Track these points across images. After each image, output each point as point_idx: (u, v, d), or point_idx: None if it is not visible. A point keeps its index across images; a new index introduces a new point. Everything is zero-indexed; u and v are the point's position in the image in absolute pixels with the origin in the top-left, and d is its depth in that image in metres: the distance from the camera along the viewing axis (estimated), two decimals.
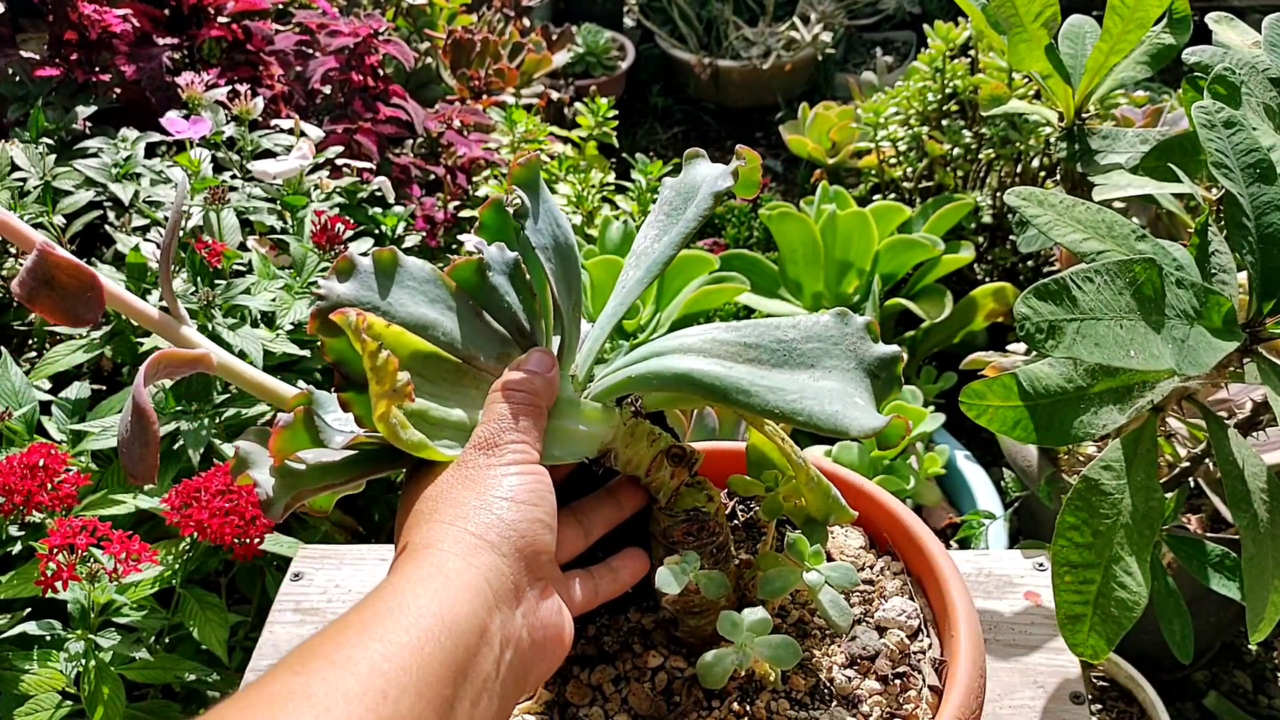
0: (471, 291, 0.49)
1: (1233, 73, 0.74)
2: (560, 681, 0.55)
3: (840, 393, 0.45)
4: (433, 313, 0.47)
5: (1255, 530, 0.62)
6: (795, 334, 0.47)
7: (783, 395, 0.44)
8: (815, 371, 0.46)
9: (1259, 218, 0.64)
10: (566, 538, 0.49)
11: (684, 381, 0.46)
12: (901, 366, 0.47)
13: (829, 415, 0.43)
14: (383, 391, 0.43)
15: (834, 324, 0.48)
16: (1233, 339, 0.59)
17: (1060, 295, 0.57)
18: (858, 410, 0.44)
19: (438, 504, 0.43)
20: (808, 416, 0.43)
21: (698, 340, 0.48)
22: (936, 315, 1.40)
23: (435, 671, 0.36)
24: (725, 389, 0.45)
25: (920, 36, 2.41)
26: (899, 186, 1.64)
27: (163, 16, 1.39)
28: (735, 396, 0.44)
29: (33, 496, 0.83)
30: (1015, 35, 0.88)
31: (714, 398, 0.45)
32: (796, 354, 0.47)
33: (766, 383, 0.45)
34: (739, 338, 0.47)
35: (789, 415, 0.43)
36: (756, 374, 0.45)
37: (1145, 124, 1.12)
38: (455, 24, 1.76)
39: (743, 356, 0.47)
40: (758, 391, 0.44)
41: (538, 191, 0.51)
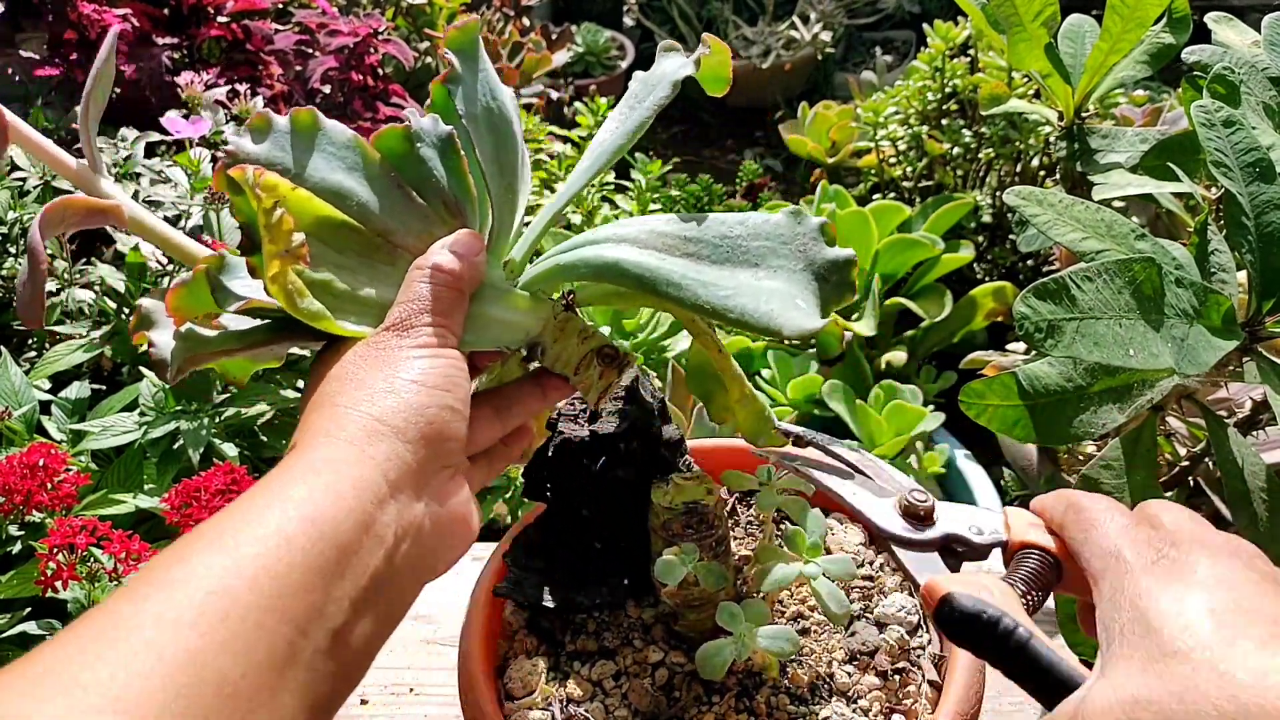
0: (397, 163, 0.45)
1: (1232, 72, 0.74)
2: (561, 677, 0.55)
3: (781, 293, 0.42)
4: (349, 181, 0.44)
5: (1255, 529, 0.62)
6: (742, 230, 0.45)
7: (715, 291, 0.41)
8: (759, 270, 0.43)
9: (1258, 217, 0.64)
10: (482, 425, 0.47)
11: (612, 271, 0.43)
12: (855, 271, 0.44)
13: (763, 314, 0.41)
14: (275, 251, 0.40)
15: (786, 223, 0.45)
16: (1232, 338, 0.60)
17: (1059, 294, 0.57)
18: (795, 311, 0.41)
19: (342, 385, 0.41)
20: (740, 314, 0.40)
21: (635, 230, 0.45)
22: (936, 314, 1.40)
23: (296, 580, 0.34)
24: (655, 280, 0.42)
25: (920, 36, 2.41)
26: (899, 186, 1.64)
27: (162, 16, 1.39)
28: (664, 289, 0.42)
29: (33, 496, 0.83)
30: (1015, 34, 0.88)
31: (643, 290, 0.42)
32: (741, 251, 0.44)
33: (700, 277, 0.42)
34: (679, 230, 0.45)
35: (720, 311, 0.41)
36: (692, 268, 0.43)
37: (1145, 123, 1.12)
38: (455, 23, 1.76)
39: (681, 250, 0.44)
40: (688, 285, 0.42)
41: (475, 59, 0.48)
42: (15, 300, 0.60)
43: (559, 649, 0.56)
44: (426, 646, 0.74)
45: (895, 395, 1.25)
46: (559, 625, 0.57)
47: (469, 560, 0.83)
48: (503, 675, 0.56)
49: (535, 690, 0.54)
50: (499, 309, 0.46)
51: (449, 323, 0.43)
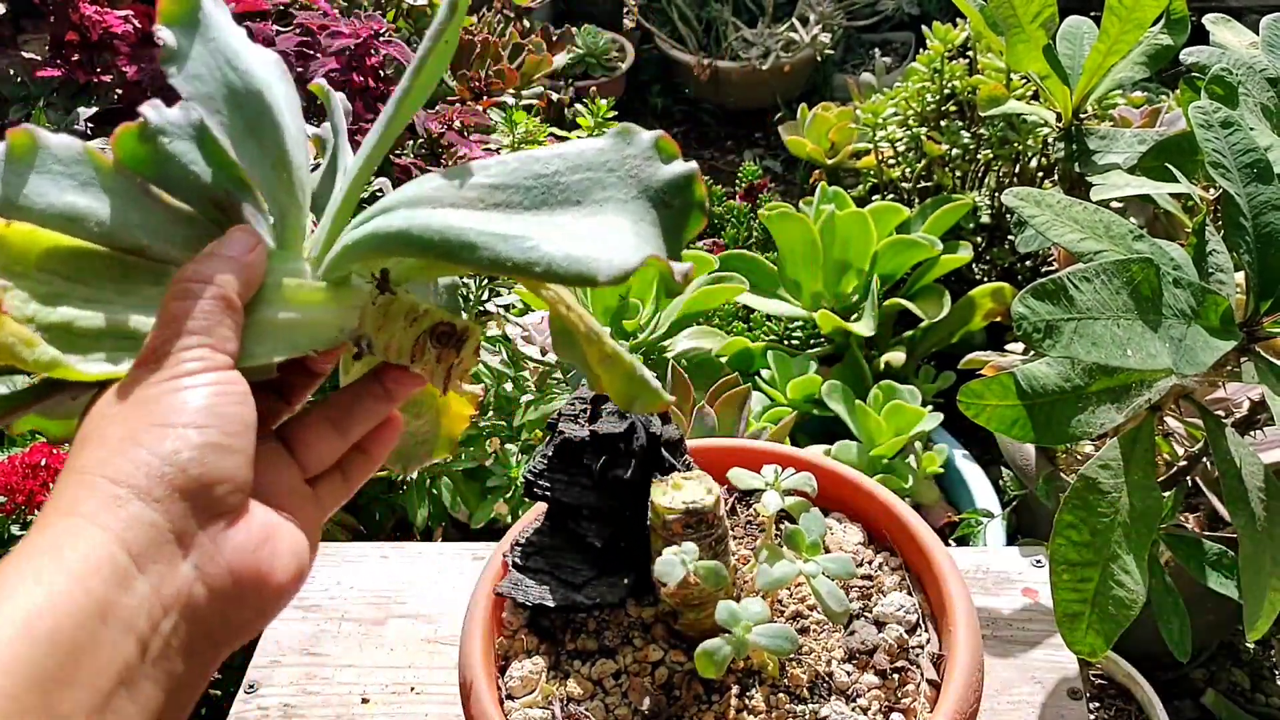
0: (141, 167, 0.40)
1: (1230, 73, 0.74)
2: (562, 676, 0.55)
3: (599, 232, 0.37)
4: (83, 199, 0.39)
5: (1252, 529, 0.62)
6: (560, 165, 0.39)
7: (517, 244, 0.36)
8: (582, 209, 0.38)
9: (1256, 217, 0.65)
10: (318, 442, 0.42)
11: (400, 240, 0.38)
12: (701, 189, 0.37)
13: (570, 261, 0.35)
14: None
15: (611, 145, 0.39)
16: (1230, 338, 0.60)
17: (1058, 295, 0.57)
18: (613, 250, 0.36)
19: (83, 445, 0.36)
20: (546, 265, 0.35)
21: (432, 189, 0.40)
22: (935, 315, 1.40)
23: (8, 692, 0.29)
24: (449, 244, 0.37)
25: (919, 37, 2.42)
26: (897, 187, 1.65)
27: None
28: (460, 253, 0.37)
29: (34, 496, 0.83)
30: (1013, 36, 0.88)
31: (440, 258, 0.37)
32: (559, 189, 0.39)
33: (502, 229, 0.37)
34: (485, 179, 0.39)
35: (524, 267, 0.36)
36: (495, 221, 0.38)
37: (1143, 124, 1.12)
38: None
39: (487, 201, 0.39)
40: (485, 242, 0.36)
41: (197, 27, 0.41)
42: None
43: (559, 648, 0.57)
44: (427, 646, 0.74)
45: (894, 395, 1.25)
46: (559, 624, 0.58)
47: (470, 560, 0.83)
48: (503, 674, 0.56)
49: (536, 689, 0.55)
50: (289, 309, 0.40)
51: (213, 341, 0.37)
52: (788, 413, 1.18)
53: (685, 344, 1.27)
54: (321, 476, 0.43)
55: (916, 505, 1.25)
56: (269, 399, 0.41)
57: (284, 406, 0.43)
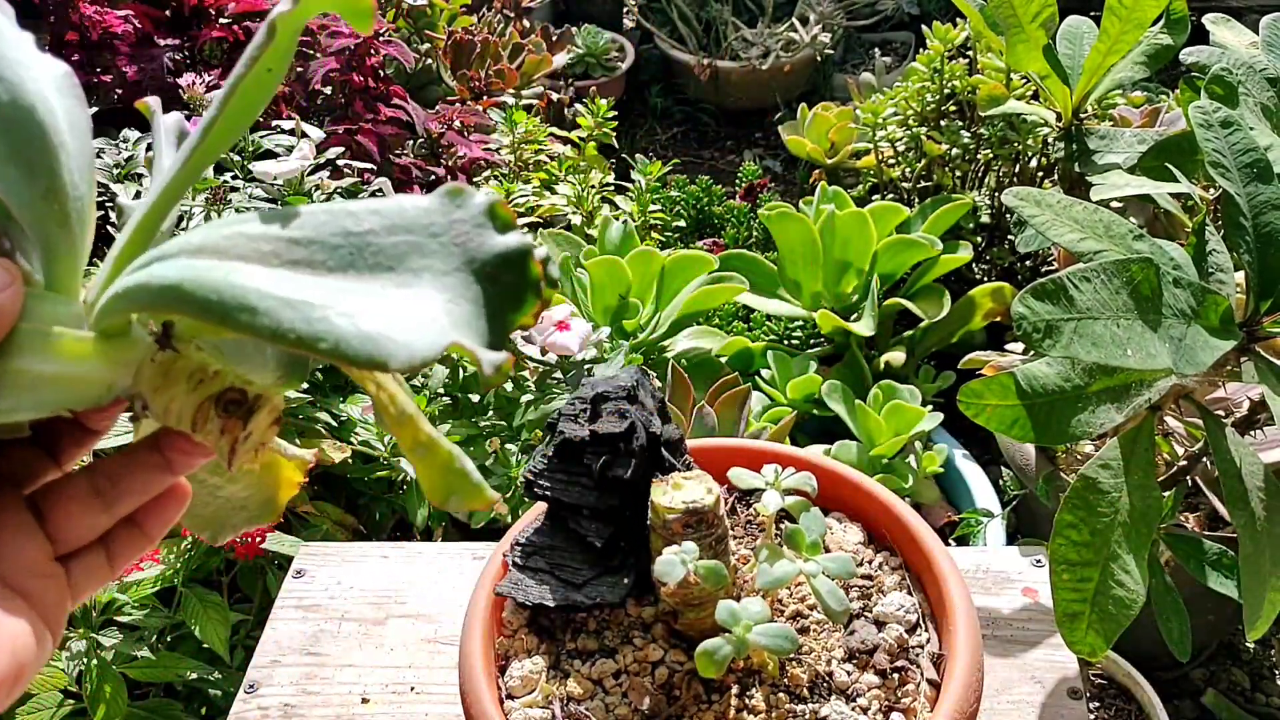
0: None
1: (1230, 73, 0.74)
2: (562, 676, 0.55)
3: (411, 307, 0.32)
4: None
5: (1252, 528, 0.62)
6: (375, 222, 0.34)
7: (304, 312, 0.31)
8: (394, 277, 0.33)
9: (1256, 217, 0.65)
10: (75, 513, 0.36)
11: (173, 296, 0.33)
12: (537, 267, 0.33)
13: (362, 340, 0.31)
14: None
15: (437, 207, 0.34)
16: (1230, 338, 0.60)
17: (1057, 295, 0.57)
18: (413, 329, 0.31)
19: None
20: (333, 343, 0.31)
21: (224, 236, 0.34)
22: (935, 315, 1.40)
23: None
24: (225, 306, 0.32)
25: (919, 37, 2.42)
26: (897, 187, 1.65)
27: (164, 17, 1.40)
28: (237, 317, 0.32)
29: None
30: (1013, 36, 0.88)
31: (215, 321, 0.32)
32: (371, 251, 0.34)
33: (288, 293, 0.32)
34: (285, 232, 0.34)
35: (308, 341, 0.31)
36: (288, 283, 0.33)
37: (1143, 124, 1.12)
38: (455, 25, 1.77)
39: (284, 257, 0.33)
40: (267, 308, 0.31)
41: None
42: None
43: (559, 647, 0.57)
44: (427, 645, 0.74)
45: (894, 395, 1.25)
46: (559, 624, 0.58)
47: (470, 560, 0.83)
48: (503, 674, 0.56)
49: (536, 689, 0.55)
50: (48, 360, 0.35)
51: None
52: (788, 413, 1.18)
53: (685, 344, 1.27)
54: (78, 554, 0.36)
55: (916, 505, 1.26)
56: (27, 457, 0.36)
57: (49, 466, 0.37)
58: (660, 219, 1.61)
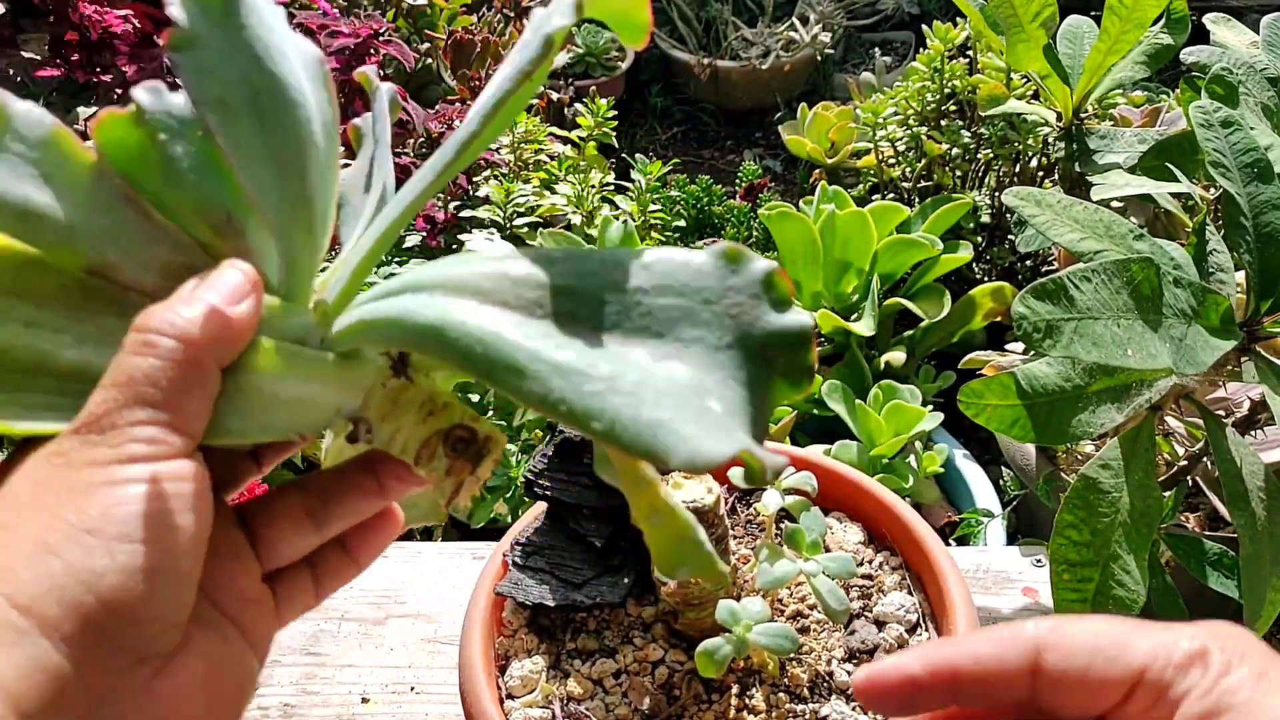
0: (125, 165, 0.31)
1: (1230, 72, 0.74)
2: (562, 676, 0.55)
3: (685, 388, 0.29)
4: (44, 196, 0.30)
5: (1253, 528, 0.62)
6: (645, 279, 0.30)
7: (579, 383, 0.28)
8: (662, 345, 0.30)
9: (1256, 217, 0.64)
10: (286, 532, 0.34)
11: (431, 339, 0.30)
12: (813, 354, 0.30)
13: (639, 428, 0.27)
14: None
15: (712, 270, 0.30)
16: (1230, 338, 0.60)
17: (1058, 295, 0.57)
18: (698, 423, 0.28)
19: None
20: (608, 424, 0.27)
21: (475, 271, 0.31)
22: (935, 314, 1.40)
23: None
24: (491, 364, 0.29)
25: (919, 37, 2.42)
26: (898, 186, 1.65)
27: (164, 17, 1.39)
28: (504, 378, 0.29)
29: None
30: (1014, 35, 0.88)
31: (476, 374, 0.29)
32: (639, 312, 0.30)
33: (561, 358, 0.29)
34: (546, 276, 0.30)
35: (580, 417, 0.28)
36: (554, 341, 0.29)
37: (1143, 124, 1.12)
38: (455, 25, 1.77)
39: (546, 308, 0.30)
40: (537, 373, 0.28)
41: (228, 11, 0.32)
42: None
43: (559, 647, 0.57)
44: (427, 645, 0.74)
45: (894, 395, 1.25)
46: (559, 624, 0.58)
47: (470, 560, 0.83)
48: (503, 674, 0.56)
49: (536, 689, 0.55)
50: (284, 381, 0.32)
51: (172, 419, 0.28)
52: (788, 412, 1.18)
53: None
54: (285, 578, 0.34)
55: (916, 505, 1.25)
56: (231, 458, 0.34)
57: (251, 468, 0.35)
58: (660, 219, 1.61)
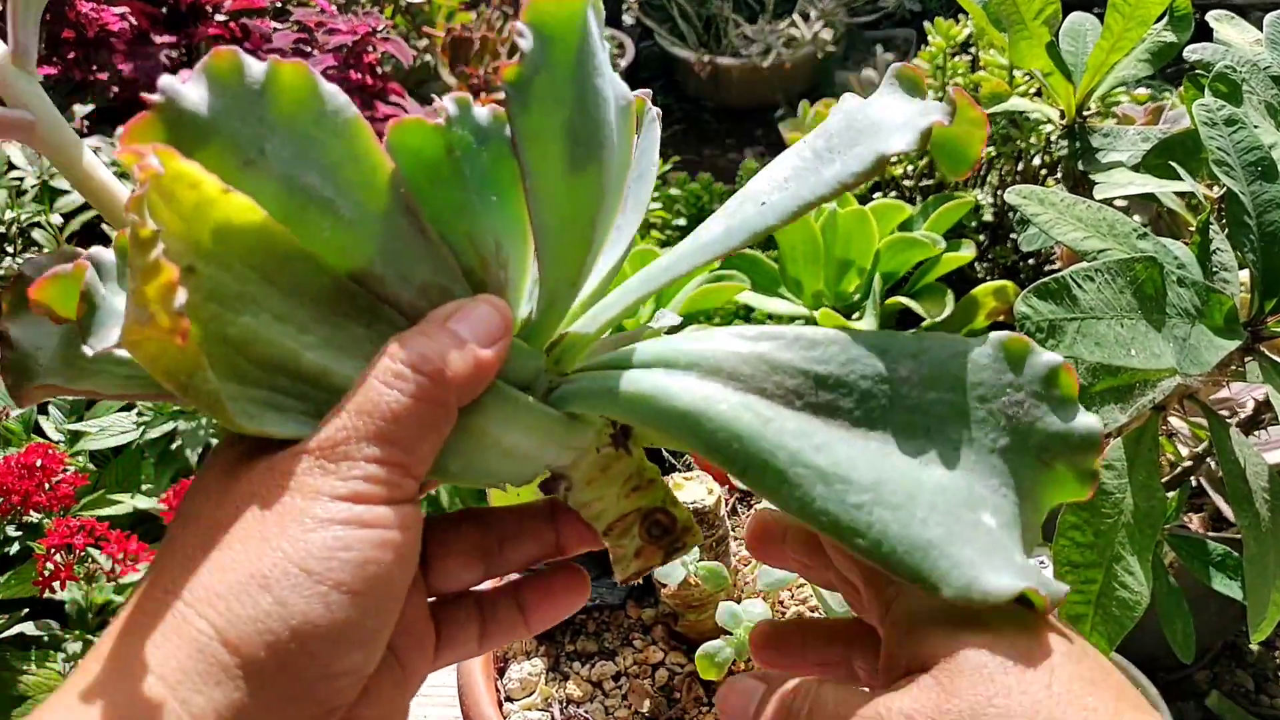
0: (416, 176, 0.30)
1: (1234, 70, 0.74)
2: (561, 678, 0.54)
3: (957, 499, 0.26)
4: (329, 189, 0.28)
5: (1257, 529, 0.62)
6: (911, 369, 0.28)
7: (843, 493, 0.26)
8: (930, 445, 0.27)
9: (1260, 216, 0.64)
10: (451, 570, 0.33)
11: (684, 427, 0.28)
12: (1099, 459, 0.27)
13: (909, 549, 0.25)
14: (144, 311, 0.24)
15: (989, 362, 0.28)
16: (1234, 337, 0.59)
17: (1060, 294, 0.56)
18: (972, 543, 0.25)
19: (194, 548, 0.26)
20: (874, 542, 0.25)
21: (732, 352, 0.29)
22: (938, 314, 1.40)
23: None
24: (749, 461, 0.26)
25: (921, 34, 2.41)
26: (899, 184, 1.64)
27: (160, 15, 1.39)
28: (757, 474, 0.26)
29: (30, 496, 0.82)
30: (1016, 33, 0.88)
31: (729, 467, 0.27)
32: (905, 407, 0.27)
33: (824, 462, 0.26)
34: (804, 362, 0.28)
35: (845, 530, 0.25)
36: (815, 440, 0.27)
37: (1146, 122, 1.12)
38: (454, 21, 1.76)
39: (805, 399, 0.27)
40: (801, 479, 0.26)
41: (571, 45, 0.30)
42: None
43: (559, 649, 0.56)
44: None
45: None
46: (558, 626, 0.57)
47: None
48: (502, 676, 0.56)
49: (535, 691, 0.54)
50: (514, 431, 0.30)
51: (411, 458, 0.27)
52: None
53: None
54: (452, 614, 0.34)
55: None
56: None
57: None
58: (660, 217, 1.61)
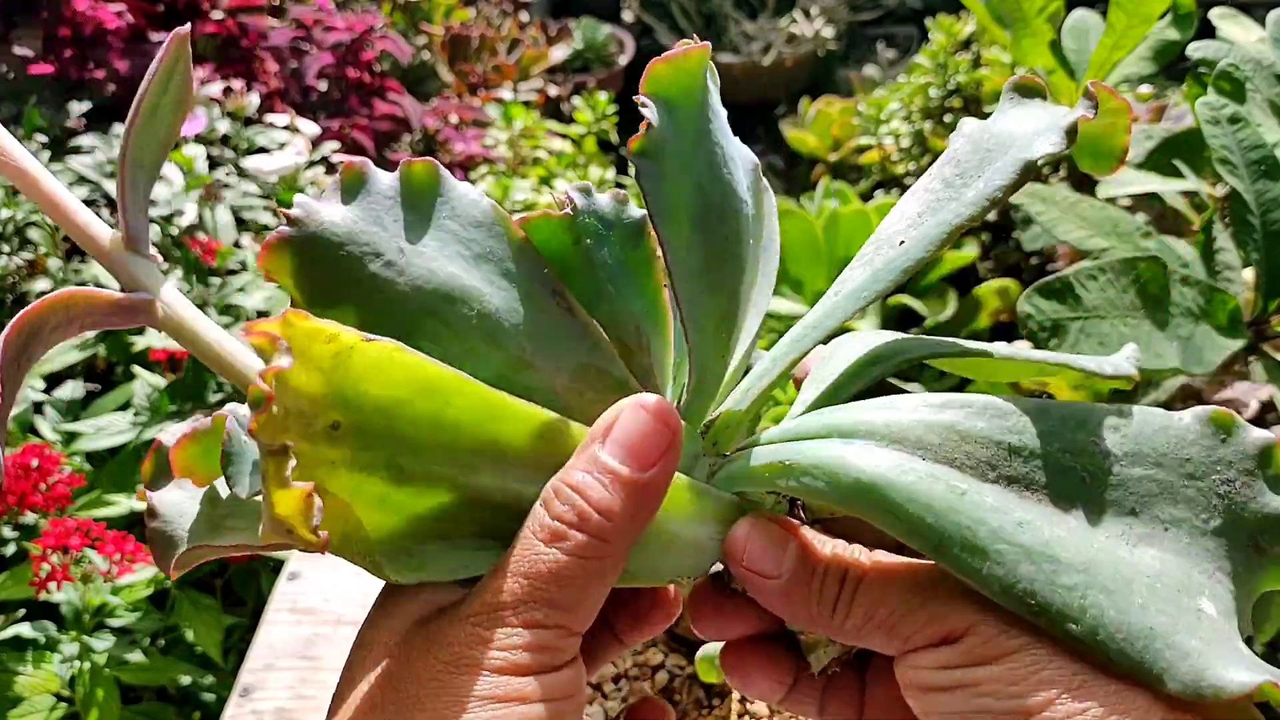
0: (558, 260, 0.30)
1: (1237, 68, 0.73)
2: None
3: (1173, 585, 0.24)
4: (471, 277, 0.28)
5: None
6: (1114, 442, 0.26)
7: (1051, 573, 0.24)
8: (1136, 525, 0.25)
9: (1264, 214, 0.63)
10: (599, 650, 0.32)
11: (868, 499, 0.26)
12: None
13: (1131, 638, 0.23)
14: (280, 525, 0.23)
15: (1197, 436, 0.26)
16: (1238, 337, 0.59)
17: (1064, 293, 0.56)
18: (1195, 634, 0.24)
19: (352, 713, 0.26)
20: (1089, 629, 0.23)
21: (922, 423, 0.27)
22: (940, 314, 1.39)
23: None
24: (944, 536, 0.25)
25: (922, 31, 2.40)
26: (902, 183, 1.63)
27: (157, 12, 1.38)
28: (957, 553, 0.24)
29: (26, 497, 0.82)
30: (1019, 30, 0.87)
31: (919, 542, 0.25)
32: (1108, 483, 0.25)
33: (1027, 540, 0.24)
34: (998, 432, 0.26)
35: (1056, 615, 0.24)
36: (1015, 516, 0.25)
37: (1150, 120, 1.11)
38: (452, 19, 1.76)
39: (1000, 471, 0.26)
40: (1004, 557, 0.24)
41: (695, 111, 0.29)
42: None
43: None
44: None
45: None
46: None
47: None
48: None
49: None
50: (694, 524, 0.28)
51: (575, 617, 0.25)
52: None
53: None
54: None
55: None
56: None
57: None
58: None
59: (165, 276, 0.32)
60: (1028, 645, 0.24)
